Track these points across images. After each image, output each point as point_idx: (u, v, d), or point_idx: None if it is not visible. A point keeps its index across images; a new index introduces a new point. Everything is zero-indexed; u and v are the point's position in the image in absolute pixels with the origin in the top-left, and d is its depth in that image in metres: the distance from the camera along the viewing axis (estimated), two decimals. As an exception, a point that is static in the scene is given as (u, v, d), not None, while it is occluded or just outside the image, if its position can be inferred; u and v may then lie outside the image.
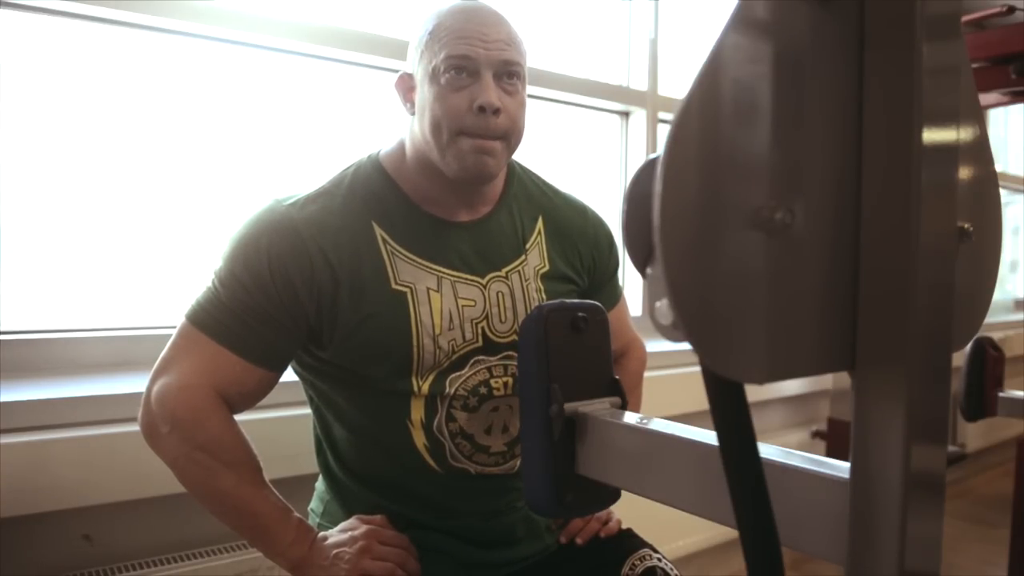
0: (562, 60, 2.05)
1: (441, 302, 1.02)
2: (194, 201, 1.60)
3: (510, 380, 1.05)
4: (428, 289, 1.01)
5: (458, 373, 1.03)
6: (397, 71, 1.07)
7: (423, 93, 1.00)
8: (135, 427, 1.25)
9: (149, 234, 1.56)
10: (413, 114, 1.03)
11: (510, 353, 1.06)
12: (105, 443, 1.28)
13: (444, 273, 1.03)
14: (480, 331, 1.04)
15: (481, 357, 1.04)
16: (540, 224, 1.13)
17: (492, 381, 1.05)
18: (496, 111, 0.97)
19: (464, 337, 1.03)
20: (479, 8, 1.01)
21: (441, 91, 0.97)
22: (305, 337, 1.00)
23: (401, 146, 1.06)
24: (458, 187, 1.04)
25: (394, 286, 1.00)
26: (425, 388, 1.01)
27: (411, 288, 1.01)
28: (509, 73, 0.99)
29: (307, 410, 1.14)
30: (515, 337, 1.06)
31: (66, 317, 1.48)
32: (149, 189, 1.55)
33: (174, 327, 1.01)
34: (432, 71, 0.98)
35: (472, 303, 1.04)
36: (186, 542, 1.40)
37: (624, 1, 2.40)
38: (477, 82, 0.97)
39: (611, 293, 1.23)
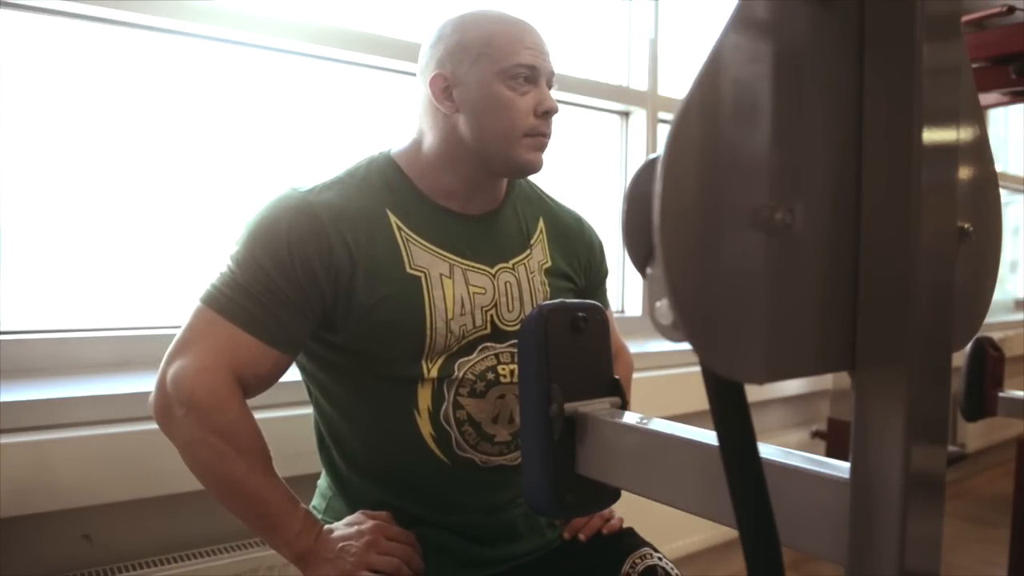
0: (562, 60, 2.05)
1: (453, 288, 1.04)
2: (194, 201, 1.60)
3: (516, 368, 1.07)
4: (441, 275, 1.04)
5: (466, 358, 1.05)
6: (398, 71, 1.08)
7: (480, 94, 1.03)
8: (136, 427, 1.25)
9: (149, 234, 1.56)
10: (454, 113, 1.04)
11: (517, 341, 1.07)
12: (105, 443, 1.28)
13: (456, 261, 1.06)
14: (489, 318, 1.07)
15: (489, 344, 1.07)
16: (542, 224, 1.18)
17: (499, 368, 1.06)
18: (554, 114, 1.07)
19: (474, 323, 1.05)
20: (525, 21, 1.07)
21: (512, 95, 1.03)
22: (319, 321, 1.01)
23: (415, 144, 1.09)
24: (482, 182, 1.09)
25: (409, 270, 1.03)
26: (434, 372, 1.03)
27: (425, 273, 1.03)
28: (550, 83, 1.08)
29: (307, 410, 1.14)
30: None
31: (66, 317, 1.48)
32: (149, 189, 1.55)
33: (174, 327, 1.01)
34: (497, 74, 1.02)
35: (483, 291, 1.07)
36: (186, 542, 1.40)
37: (624, 1, 2.40)
38: (536, 88, 1.05)
39: (601, 300, 1.26)
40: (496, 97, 1.03)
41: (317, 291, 0.99)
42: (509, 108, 1.03)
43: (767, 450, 0.49)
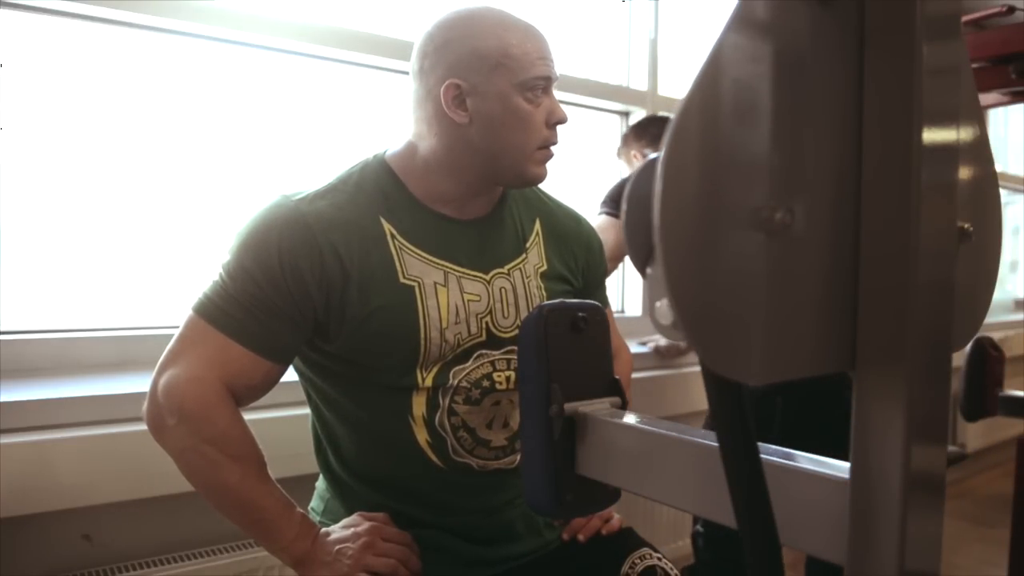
0: (562, 60, 2.05)
1: (448, 296, 1.03)
2: (194, 201, 1.60)
3: (512, 374, 1.07)
4: (435, 284, 1.03)
5: (461, 366, 1.04)
6: (398, 71, 1.07)
7: (499, 107, 1.01)
8: (136, 427, 1.25)
9: (149, 234, 1.56)
10: (466, 122, 1.02)
11: (513, 348, 1.08)
12: (106, 443, 1.28)
13: (450, 268, 1.05)
14: (484, 325, 1.06)
15: (484, 351, 1.06)
16: (538, 226, 1.16)
17: (495, 375, 1.06)
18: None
19: (469, 331, 1.04)
20: (533, 25, 1.06)
21: (529, 108, 1.03)
22: (312, 330, 1.01)
23: (411, 147, 1.08)
24: (480, 189, 1.08)
25: (402, 280, 1.02)
26: (428, 380, 1.03)
27: (419, 282, 1.02)
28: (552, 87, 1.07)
29: (307, 410, 1.14)
30: (517, 332, 1.07)
31: (66, 317, 1.48)
32: (149, 189, 1.55)
33: (174, 327, 1.01)
34: (516, 86, 1.01)
35: (477, 298, 1.06)
36: (186, 542, 1.40)
37: (624, 1, 2.40)
38: (547, 98, 1.05)
39: (601, 299, 1.26)
40: (515, 111, 1.02)
41: (308, 303, 0.98)
42: (527, 121, 1.02)
43: (767, 450, 0.49)
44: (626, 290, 2.45)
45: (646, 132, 2.04)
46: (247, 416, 1.01)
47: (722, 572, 1.72)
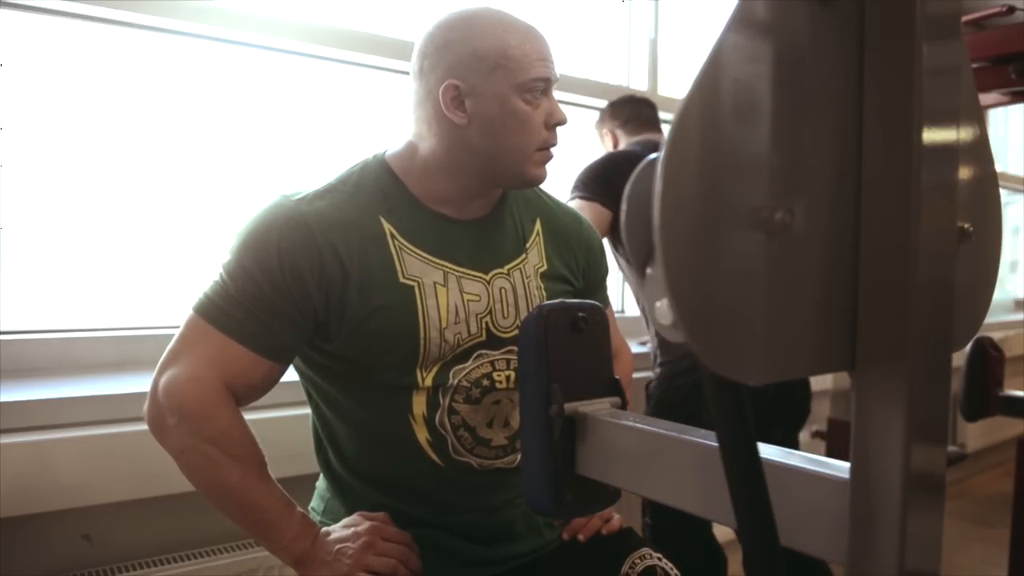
0: (562, 60, 2.05)
1: (448, 296, 1.04)
2: (194, 201, 1.60)
3: (512, 374, 1.07)
4: (435, 284, 1.03)
5: (461, 365, 1.04)
6: (398, 71, 1.07)
7: (498, 108, 1.01)
8: (136, 427, 1.25)
9: (149, 234, 1.56)
10: (465, 123, 1.02)
11: (513, 347, 1.08)
12: (106, 443, 1.28)
13: (450, 268, 1.05)
14: (484, 325, 1.06)
15: (484, 351, 1.06)
16: (538, 226, 1.16)
17: (495, 374, 1.06)
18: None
19: (469, 331, 1.04)
20: (533, 26, 1.06)
21: (528, 109, 1.03)
22: (312, 330, 1.01)
23: (411, 147, 1.08)
24: (480, 190, 1.08)
25: (402, 280, 1.02)
26: (428, 380, 1.03)
27: (418, 282, 1.02)
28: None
29: (307, 410, 1.14)
30: (517, 332, 1.07)
31: (66, 317, 1.48)
32: (149, 189, 1.55)
33: (175, 327, 1.01)
34: (515, 87, 1.01)
35: (477, 298, 1.06)
36: (186, 542, 1.40)
37: (624, 1, 2.40)
38: (546, 99, 1.05)
39: (601, 299, 1.25)
40: (514, 112, 1.02)
41: (308, 302, 0.98)
42: (526, 123, 1.02)
43: (767, 450, 0.49)
44: (626, 290, 2.44)
45: (621, 112, 2.04)
46: (247, 416, 1.01)
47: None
